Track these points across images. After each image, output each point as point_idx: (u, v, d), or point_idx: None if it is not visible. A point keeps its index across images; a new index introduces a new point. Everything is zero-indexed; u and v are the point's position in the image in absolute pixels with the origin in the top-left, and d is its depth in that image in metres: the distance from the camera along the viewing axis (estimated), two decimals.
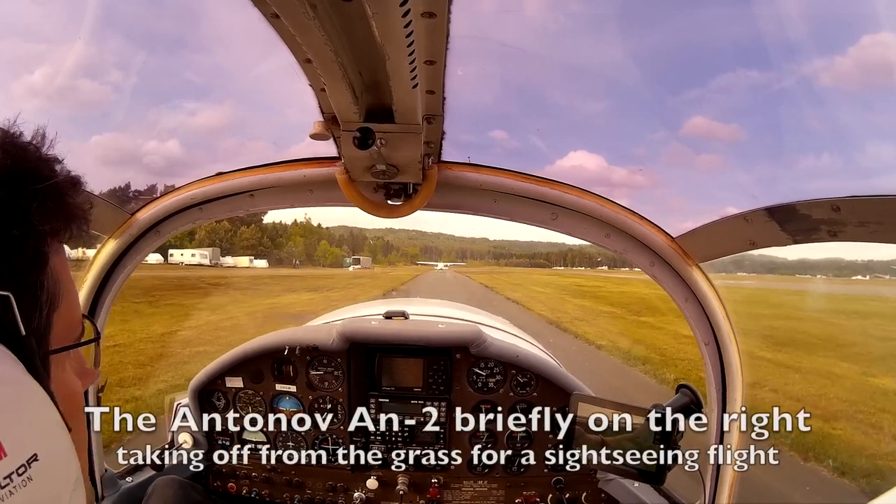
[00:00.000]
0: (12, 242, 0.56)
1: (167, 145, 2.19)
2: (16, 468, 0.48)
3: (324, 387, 2.25)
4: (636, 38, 1.65)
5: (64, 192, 0.62)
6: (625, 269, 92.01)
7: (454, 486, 2.28)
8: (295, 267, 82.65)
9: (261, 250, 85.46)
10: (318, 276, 59.48)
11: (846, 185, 1.25)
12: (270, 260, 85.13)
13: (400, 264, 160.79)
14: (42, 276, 0.60)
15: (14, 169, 0.57)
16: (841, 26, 1.59)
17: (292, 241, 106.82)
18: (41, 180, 0.59)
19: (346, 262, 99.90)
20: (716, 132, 1.77)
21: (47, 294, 0.61)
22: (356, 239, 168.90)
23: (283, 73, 1.18)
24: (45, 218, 0.59)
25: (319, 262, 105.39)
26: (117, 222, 1.86)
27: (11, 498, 0.48)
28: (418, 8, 0.86)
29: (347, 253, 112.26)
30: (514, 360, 2.20)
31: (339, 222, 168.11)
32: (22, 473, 0.49)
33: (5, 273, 0.55)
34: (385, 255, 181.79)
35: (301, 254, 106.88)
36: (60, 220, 0.62)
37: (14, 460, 0.48)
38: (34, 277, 0.59)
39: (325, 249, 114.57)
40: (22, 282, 0.57)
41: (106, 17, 1.57)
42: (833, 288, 50.25)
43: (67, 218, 0.63)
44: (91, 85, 1.89)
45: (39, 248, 0.59)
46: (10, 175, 0.56)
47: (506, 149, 1.84)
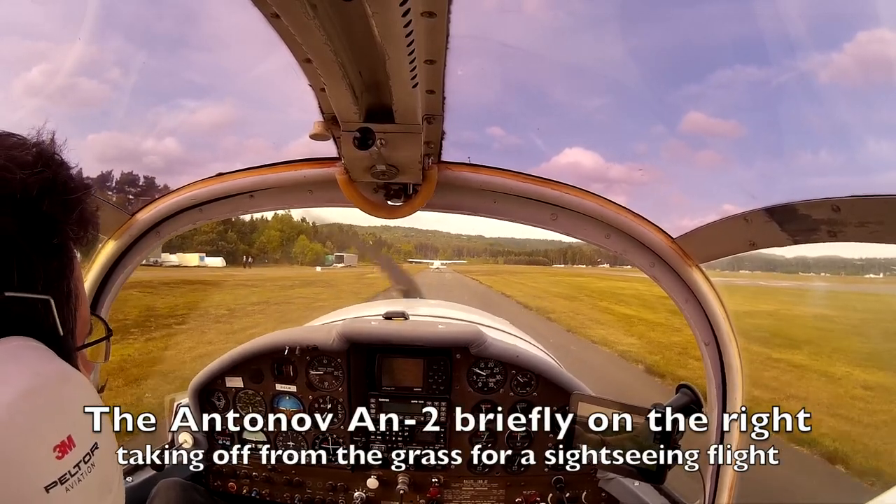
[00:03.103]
0: (52, 251, 0.61)
1: (167, 145, 2.19)
2: (82, 457, 0.55)
3: (324, 387, 2.25)
4: (634, 36, 1.65)
5: (85, 201, 0.66)
6: (626, 266, 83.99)
7: (454, 486, 2.28)
8: (247, 266, 67.41)
9: (222, 246, 72.84)
10: (249, 280, 39.67)
11: (846, 181, 1.25)
12: (229, 258, 72.41)
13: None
14: (72, 280, 0.65)
15: (54, 182, 0.61)
16: (840, 23, 1.59)
17: (264, 235, 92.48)
18: (74, 191, 0.63)
19: (328, 260, 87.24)
20: (714, 128, 1.77)
21: (74, 296, 0.66)
22: (345, 235, 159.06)
23: (283, 72, 1.18)
24: (75, 227, 0.64)
25: (297, 259, 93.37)
26: (117, 223, 1.86)
27: (80, 484, 0.54)
28: (418, 7, 0.86)
29: (331, 250, 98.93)
30: (514, 360, 2.19)
31: (331, 219, 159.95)
32: (87, 461, 0.56)
33: (45, 278, 0.60)
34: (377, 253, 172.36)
35: (276, 250, 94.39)
36: (83, 227, 0.66)
37: (81, 450, 0.55)
38: (67, 282, 0.64)
39: (303, 246, 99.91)
40: (57, 286, 0.62)
41: (106, 16, 1.57)
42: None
43: (87, 225, 0.67)
44: (91, 84, 1.88)
45: (71, 257, 0.65)
46: (52, 188, 0.60)
47: (503, 146, 1.84)
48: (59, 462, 0.52)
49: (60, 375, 0.56)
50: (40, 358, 0.56)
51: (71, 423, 0.55)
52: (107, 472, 0.59)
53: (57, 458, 0.52)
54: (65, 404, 0.55)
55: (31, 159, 0.60)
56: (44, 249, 0.60)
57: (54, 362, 0.57)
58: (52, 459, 0.52)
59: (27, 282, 0.58)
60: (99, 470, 0.57)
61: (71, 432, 0.54)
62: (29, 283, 0.58)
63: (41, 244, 0.59)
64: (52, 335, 0.59)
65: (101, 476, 0.57)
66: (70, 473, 0.53)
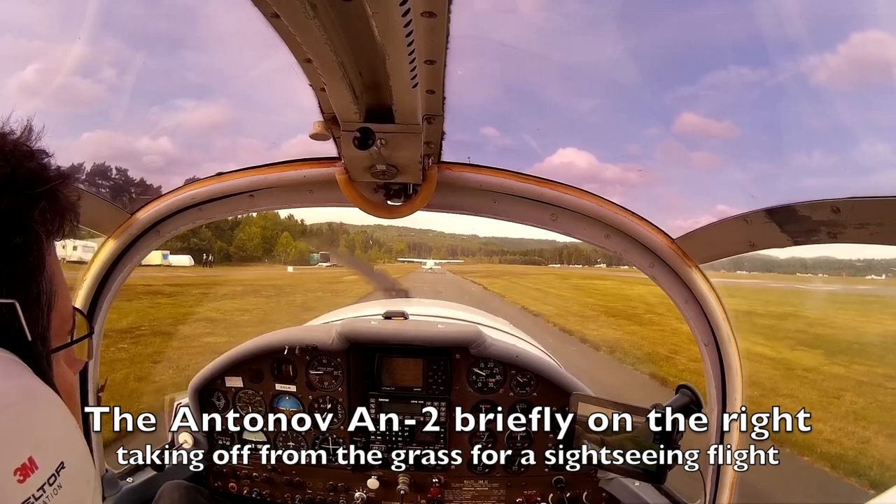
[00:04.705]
0: (15, 250, 0.56)
1: (165, 146, 2.18)
2: (47, 479, 0.51)
3: (324, 387, 2.25)
4: (628, 37, 1.65)
5: (58, 192, 0.62)
6: (623, 267, 74.62)
7: (455, 486, 2.28)
8: (207, 266, 58.67)
9: (194, 243, 65.36)
10: (182, 284, 28.63)
11: (844, 182, 1.25)
12: (201, 256, 64.19)
13: (382, 262, 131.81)
14: (42, 280, 0.60)
15: (14, 176, 0.57)
16: (837, 23, 1.59)
17: (244, 232, 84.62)
18: (40, 184, 0.59)
19: (313, 259, 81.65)
20: (709, 129, 1.77)
21: (46, 296, 0.61)
22: (334, 232, 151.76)
23: (283, 72, 1.17)
24: (44, 221, 0.60)
25: (279, 258, 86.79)
26: (117, 222, 1.86)
27: None
28: (418, 7, 0.86)
29: (317, 248, 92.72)
30: (513, 360, 2.20)
31: (322, 217, 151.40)
32: (53, 483, 0.51)
33: (8, 281, 0.56)
34: (365, 252, 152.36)
35: (257, 248, 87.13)
36: (56, 221, 0.62)
37: (45, 472, 0.51)
38: (35, 282, 0.59)
39: (286, 243, 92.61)
40: (24, 287, 0.58)
41: (105, 16, 1.56)
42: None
43: (62, 217, 0.63)
44: (87, 83, 1.87)
45: (40, 254, 0.60)
46: (11, 183, 0.56)
47: (497, 146, 1.83)
48: (20, 486, 0.48)
49: (22, 392, 0.52)
50: (1, 373, 0.52)
51: (32, 443, 0.51)
52: (76, 492, 0.55)
53: (18, 483, 0.48)
54: (26, 424, 0.51)
55: None
56: (6, 250, 0.55)
57: (16, 377, 0.53)
58: (14, 484, 0.48)
59: None
60: (67, 491, 0.53)
61: (32, 454, 0.50)
62: None
63: (2, 244, 0.55)
64: (19, 341, 0.55)
65: (69, 497, 0.53)
66: (34, 497, 0.49)
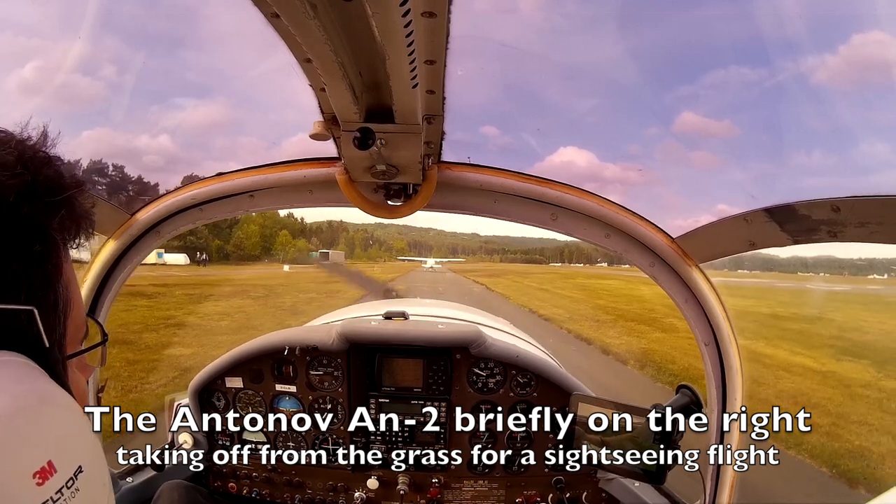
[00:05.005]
0: (34, 258, 0.57)
1: (165, 145, 2.18)
2: (65, 482, 0.52)
3: (324, 387, 2.25)
4: (628, 37, 1.65)
5: (75, 200, 0.62)
6: (624, 266, 71.49)
7: (455, 486, 2.28)
8: (200, 265, 57.73)
9: (191, 241, 64.52)
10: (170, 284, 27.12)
11: (843, 182, 1.25)
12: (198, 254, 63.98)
13: (382, 260, 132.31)
14: (59, 287, 0.61)
15: (34, 184, 0.57)
16: (837, 23, 1.59)
17: (242, 230, 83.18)
18: (58, 192, 0.59)
19: (312, 257, 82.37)
20: (709, 129, 1.77)
21: (63, 303, 0.62)
22: (334, 231, 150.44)
23: (283, 72, 1.17)
24: (62, 229, 0.60)
25: (278, 256, 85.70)
26: (117, 222, 1.86)
27: None
28: (418, 7, 0.86)
29: (317, 246, 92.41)
30: (513, 360, 2.19)
31: (321, 215, 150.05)
32: (70, 486, 0.52)
33: (27, 288, 0.56)
34: (365, 250, 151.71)
35: (256, 246, 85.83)
36: (72, 228, 0.63)
37: (63, 475, 0.52)
38: (53, 289, 0.60)
39: (284, 241, 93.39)
40: (42, 294, 0.58)
41: (105, 15, 1.56)
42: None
43: (78, 224, 0.64)
44: (87, 81, 1.87)
45: (57, 261, 0.60)
46: (31, 190, 0.56)
47: (497, 145, 1.83)
48: (39, 489, 0.49)
49: (40, 397, 0.53)
50: (19, 377, 0.52)
51: (52, 447, 0.52)
52: (93, 495, 0.56)
53: (37, 486, 0.49)
54: (45, 427, 0.52)
55: (13, 160, 0.56)
56: (25, 257, 0.56)
57: (34, 381, 0.54)
58: (33, 487, 0.49)
59: (8, 292, 0.54)
60: (84, 494, 0.54)
61: (51, 457, 0.51)
62: (9, 293, 0.54)
63: (22, 251, 0.55)
64: (37, 347, 0.56)
65: (86, 500, 0.54)
66: (52, 500, 0.50)
